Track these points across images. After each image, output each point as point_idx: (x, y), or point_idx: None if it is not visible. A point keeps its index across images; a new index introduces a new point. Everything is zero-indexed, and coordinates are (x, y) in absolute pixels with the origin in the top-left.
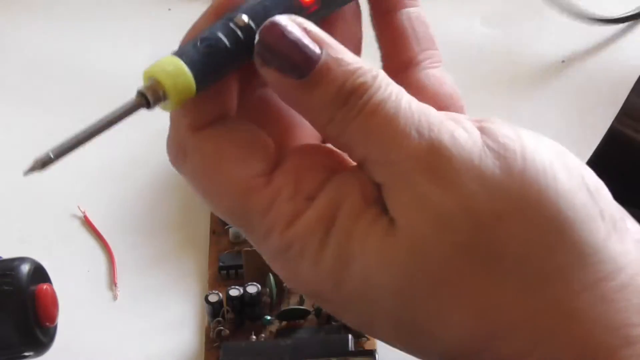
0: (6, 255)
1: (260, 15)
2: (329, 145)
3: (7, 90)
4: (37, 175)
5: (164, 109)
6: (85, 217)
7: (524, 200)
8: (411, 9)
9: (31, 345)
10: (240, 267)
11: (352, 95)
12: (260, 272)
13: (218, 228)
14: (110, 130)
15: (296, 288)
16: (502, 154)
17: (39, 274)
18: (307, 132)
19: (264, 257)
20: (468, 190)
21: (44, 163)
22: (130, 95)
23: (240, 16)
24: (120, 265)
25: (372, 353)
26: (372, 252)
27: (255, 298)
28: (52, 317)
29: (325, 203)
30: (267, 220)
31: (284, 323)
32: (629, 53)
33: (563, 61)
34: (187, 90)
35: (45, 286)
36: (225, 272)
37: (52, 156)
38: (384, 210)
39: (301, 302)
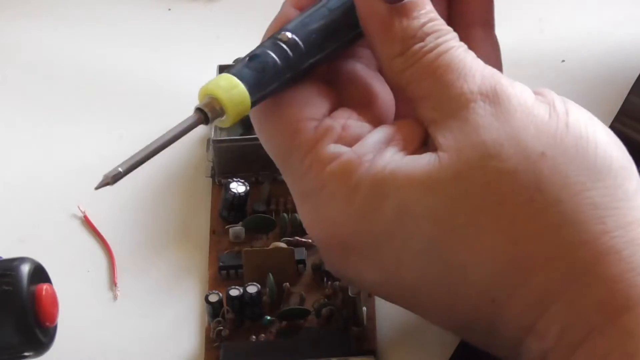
0: (6, 255)
1: (301, 29)
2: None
3: (7, 90)
4: (37, 175)
5: (221, 125)
6: (85, 217)
7: (567, 142)
8: None
9: (31, 345)
10: (240, 267)
11: (431, 34)
12: (260, 272)
13: (218, 228)
14: (110, 130)
15: (320, 235)
16: (551, 105)
17: (39, 274)
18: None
19: (296, 200)
20: (520, 124)
21: (114, 177)
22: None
23: (284, 33)
24: (120, 265)
25: (372, 353)
26: (414, 183)
27: (255, 298)
28: (52, 317)
29: (366, 147)
30: (307, 160)
31: (284, 323)
32: (629, 53)
33: (563, 61)
34: (243, 105)
35: (45, 286)
36: (225, 272)
37: (121, 171)
38: (427, 149)
39: (301, 302)
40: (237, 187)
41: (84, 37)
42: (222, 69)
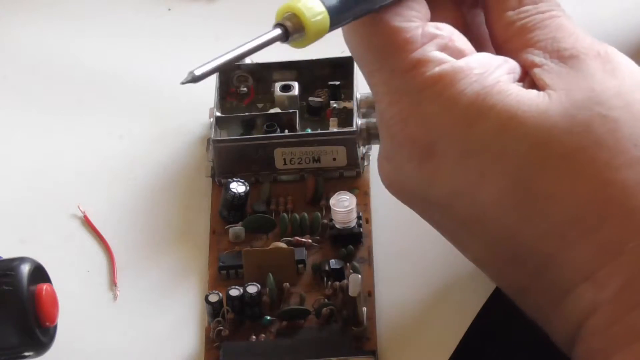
0: (6, 255)
1: None
2: None
3: (7, 90)
4: (37, 176)
5: (297, 45)
6: (85, 217)
7: None
8: None
9: (31, 345)
10: (240, 267)
11: (545, 1)
12: (260, 272)
13: (218, 228)
14: (110, 130)
15: (405, 132)
16: None
17: (39, 274)
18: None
19: (385, 97)
20: (629, 85)
21: (193, 78)
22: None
23: None
24: (120, 265)
25: (372, 353)
26: (521, 107)
27: (255, 298)
28: (52, 317)
29: (474, 61)
30: (412, 58)
31: (284, 323)
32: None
33: None
34: (322, 24)
35: (45, 286)
36: (225, 272)
37: (196, 74)
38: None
39: (301, 302)
40: (237, 187)
41: (84, 37)
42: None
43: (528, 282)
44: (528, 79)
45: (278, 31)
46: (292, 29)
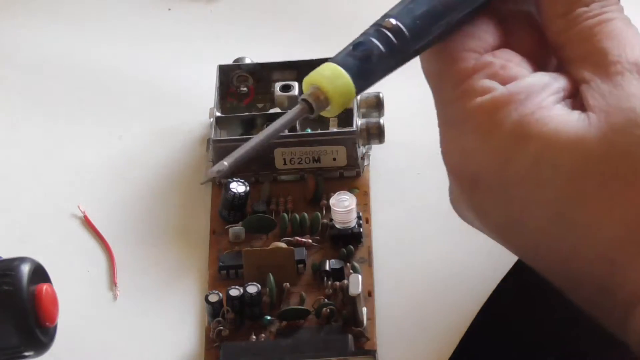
0: (6, 255)
1: (405, 16)
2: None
3: (7, 90)
4: (37, 176)
5: (326, 114)
6: (85, 217)
7: None
8: None
9: (31, 345)
10: (240, 267)
11: (597, 1)
12: (260, 272)
13: (218, 228)
14: (110, 130)
15: (454, 164)
16: None
17: (39, 274)
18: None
19: (440, 127)
20: None
21: (219, 172)
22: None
23: (388, 20)
24: (120, 265)
25: (372, 353)
26: (559, 136)
27: (255, 298)
28: (52, 317)
29: (519, 87)
30: (458, 89)
31: (284, 323)
32: None
33: None
34: (347, 94)
35: (45, 286)
36: (225, 272)
37: (226, 164)
38: (575, 104)
39: (301, 302)
40: (237, 187)
41: (83, 37)
42: (222, 69)
43: (594, 299)
44: (578, 95)
45: (303, 106)
46: (316, 104)
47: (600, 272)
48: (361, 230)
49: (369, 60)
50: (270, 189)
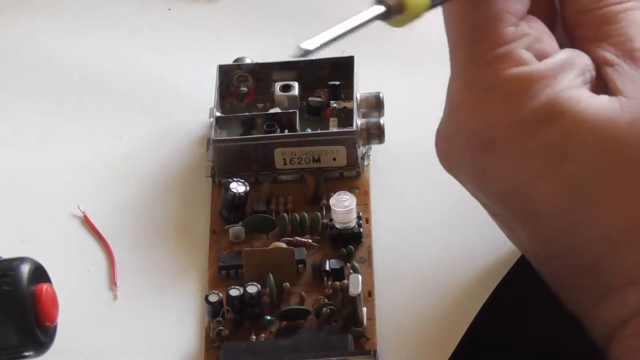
0: (6, 255)
1: None
2: None
3: (7, 90)
4: (37, 175)
5: (396, 24)
6: (85, 217)
7: None
8: None
9: (31, 345)
10: (240, 267)
11: None
12: (260, 272)
13: (218, 228)
14: (110, 130)
15: (467, 123)
16: None
17: (39, 274)
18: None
19: (458, 82)
20: None
21: (305, 52)
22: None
23: None
24: (120, 265)
25: (372, 353)
26: (590, 115)
27: (255, 298)
28: (52, 317)
29: (553, 64)
30: (496, 52)
31: (284, 323)
32: None
33: None
34: (423, 3)
35: (45, 286)
36: (225, 272)
37: (309, 48)
38: (599, 88)
39: (301, 302)
40: (237, 187)
41: (83, 37)
42: (222, 69)
43: (572, 278)
44: (600, 76)
45: (382, 8)
46: (395, 5)
47: (596, 251)
48: (361, 230)
49: None
50: (270, 189)
